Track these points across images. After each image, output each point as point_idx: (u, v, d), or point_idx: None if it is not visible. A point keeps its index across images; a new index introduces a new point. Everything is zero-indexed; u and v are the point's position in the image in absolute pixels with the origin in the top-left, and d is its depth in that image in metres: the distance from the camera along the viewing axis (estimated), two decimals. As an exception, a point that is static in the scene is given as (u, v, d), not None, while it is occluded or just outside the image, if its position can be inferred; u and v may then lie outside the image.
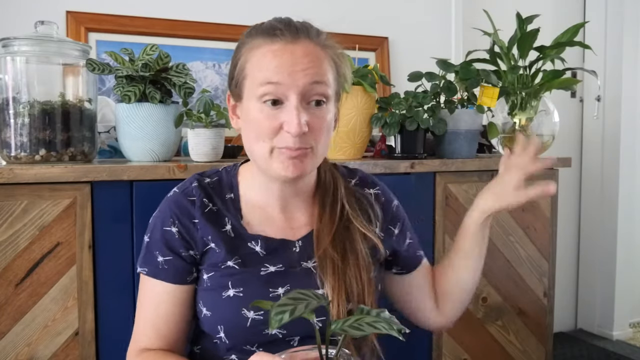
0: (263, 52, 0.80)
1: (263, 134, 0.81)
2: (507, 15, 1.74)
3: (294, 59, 0.79)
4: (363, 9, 2.15)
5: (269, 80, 0.79)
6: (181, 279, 0.87)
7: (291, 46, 0.80)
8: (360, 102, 1.44)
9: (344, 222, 0.90)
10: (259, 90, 0.80)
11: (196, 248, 0.87)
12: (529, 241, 1.64)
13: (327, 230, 0.88)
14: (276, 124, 0.79)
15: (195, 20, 1.85)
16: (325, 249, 0.87)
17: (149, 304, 0.88)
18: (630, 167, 2.64)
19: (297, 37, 0.81)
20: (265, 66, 0.80)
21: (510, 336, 1.63)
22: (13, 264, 1.05)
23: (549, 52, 1.63)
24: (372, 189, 0.99)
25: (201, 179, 0.91)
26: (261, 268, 0.86)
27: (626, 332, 2.67)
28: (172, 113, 1.24)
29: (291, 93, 0.79)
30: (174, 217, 0.87)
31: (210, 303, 0.86)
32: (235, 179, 0.92)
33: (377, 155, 1.65)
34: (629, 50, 2.58)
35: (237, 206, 0.90)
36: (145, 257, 0.89)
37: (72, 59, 1.21)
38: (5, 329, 1.05)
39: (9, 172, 1.02)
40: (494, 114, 1.71)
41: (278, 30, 0.81)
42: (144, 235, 0.90)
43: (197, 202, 0.87)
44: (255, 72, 0.81)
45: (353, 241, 0.89)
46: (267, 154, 0.81)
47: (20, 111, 1.14)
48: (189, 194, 0.88)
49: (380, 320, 0.62)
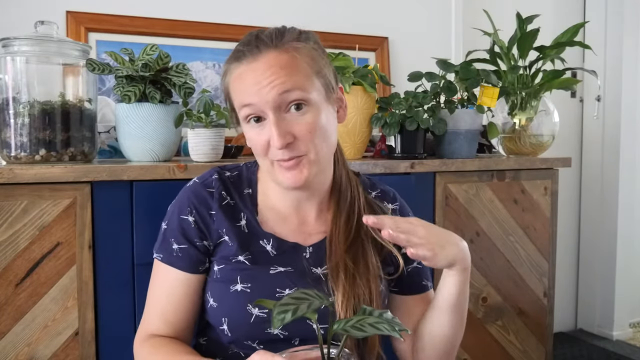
0: (234, 78, 0.84)
1: (259, 150, 0.85)
2: (507, 15, 1.75)
3: (256, 76, 0.80)
4: (363, 9, 2.15)
5: (244, 103, 0.82)
6: (194, 268, 0.89)
7: (254, 64, 0.81)
8: (360, 102, 1.44)
9: (359, 231, 0.90)
10: (241, 113, 0.84)
11: (210, 239, 0.89)
12: (529, 241, 1.64)
13: (342, 239, 0.88)
14: (264, 140, 0.82)
15: (195, 20, 1.85)
16: (338, 257, 0.87)
17: (161, 291, 0.90)
18: (630, 167, 2.64)
19: (258, 53, 0.81)
20: (238, 90, 0.83)
21: (510, 336, 1.63)
22: (13, 264, 1.05)
23: (549, 52, 1.63)
24: (392, 203, 0.99)
25: (222, 172, 0.93)
26: (270, 267, 0.87)
27: (626, 332, 2.67)
28: (172, 113, 1.24)
29: (266, 109, 0.80)
30: (192, 207, 0.89)
31: (218, 295, 0.87)
32: (254, 176, 0.95)
33: (377, 155, 1.65)
34: (629, 50, 2.58)
35: (254, 202, 0.92)
36: (161, 243, 0.91)
37: (72, 59, 1.21)
38: (5, 329, 1.05)
39: (9, 172, 1.02)
40: (494, 114, 1.71)
41: (240, 53, 0.83)
42: (162, 222, 0.92)
43: (216, 194, 0.90)
44: (234, 97, 0.85)
45: (365, 252, 0.89)
46: (270, 168, 0.85)
47: (20, 111, 1.14)
48: (209, 185, 0.91)
49: (382, 321, 0.62)
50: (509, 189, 1.58)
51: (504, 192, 1.58)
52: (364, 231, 0.90)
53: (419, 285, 0.98)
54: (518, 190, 1.61)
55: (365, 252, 0.89)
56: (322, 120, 0.83)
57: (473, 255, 1.49)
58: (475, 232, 1.54)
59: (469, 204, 1.53)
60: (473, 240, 1.54)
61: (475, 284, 1.55)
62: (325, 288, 0.86)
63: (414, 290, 0.97)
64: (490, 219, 1.56)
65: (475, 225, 1.54)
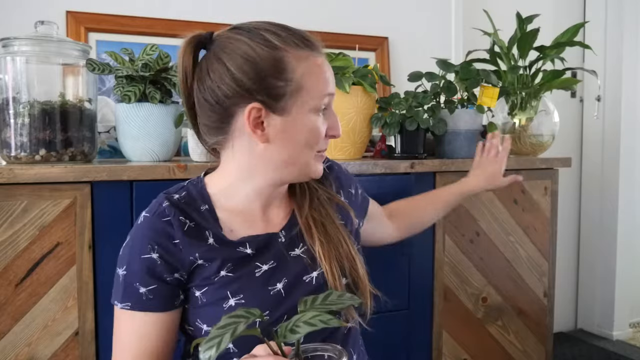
0: (316, 64, 0.83)
1: (317, 142, 0.85)
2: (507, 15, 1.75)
3: (330, 70, 0.86)
4: (363, 9, 2.15)
5: (329, 92, 0.85)
6: (169, 305, 0.83)
7: (323, 58, 0.86)
8: (360, 102, 1.44)
9: (317, 201, 0.93)
10: (322, 102, 0.84)
11: (182, 269, 0.83)
12: (529, 241, 1.64)
13: (305, 204, 0.92)
14: (324, 130, 0.86)
15: (195, 20, 1.85)
16: (306, 215, 0.90)
17: (131, 340, 0.83)
18: (630, 167, 2.64)
19: (320, 49, 0.86)
20: (321, 78, 0.83)
21: (510, 336, 1.63)
22: (13, 264, 1.05)
23: (549, 52, 1.63)
24: (324, 164, 1.01)
25: (170, 197, 0.86)
26: (255, 270, 0.85)
27: (626, 332, 2.67)
28: (172, 113, 1.24)
29: (332, 101, 0.87)
30: (152, 243, 0.82)
31: (211, 318, 0.83)
32: (205, 191, 0.89)
33: (377, 155, 1.65)
34: (629, 50, 2.58)
35: (215, 216, 0.87)
36: (124, 291, 0.82)
37: (72, 59, 1.21)
38: (5, 329, 1.05)
39: (9, 172, 1.02)
40: (494, 114, 1.71)
41: (310, 43, 0.84)
42: (117, 269, 0.84)
43: (174, 221, 0.83)
44: (313, 83, 0.82)
45: (327, 214, 0.92)
46: (311, 159, 0.86)
47: (20, 111, 1.14)
48: (163, 215, 0.83)
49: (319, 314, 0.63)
50: (509, 189, 1.58)
51: (504, 192, 1.58)
52: (321, 199, 0.94)
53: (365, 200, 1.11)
54: (518, 190, 1.61)
55: (328, 214, 0.92)
56: None
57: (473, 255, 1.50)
58: (475, 232, 1.54)
59: (469, 204, 1.53)
60: (473, 240, 1.54)
61: (475, 284, 1.55)
62: (309, 264, 0.88)
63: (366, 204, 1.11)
64: (490, 219, 1.56)
65: (475, 225, 1.54)
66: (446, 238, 1.50)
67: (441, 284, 1.50)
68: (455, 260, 1.51)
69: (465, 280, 1.53)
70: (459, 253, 1.52)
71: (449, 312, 1.52)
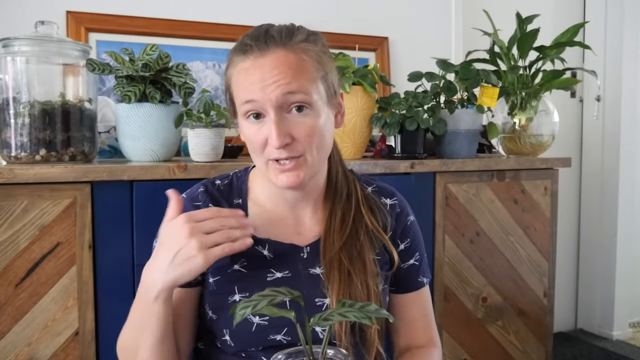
0: (238, 71, 0.82)
1: (255, 148, 0.83)
2: (507, 15, 1.74)
3: (263, 74, 0.79)
4: (363, 9, 2.15)
5: (247, 99, 0.80)
6: (186, 283, 0.85)
7: (260, 60, 0.79)
8: (360, 102, 1.44)
9: (355, 229, 0.90)
10: (242, 109, 0.82)
11: None
12: (529, 241, 1.64)
13: (337, 236, 0.88)
14: (262, 138, 0.81)
15: (195, 20, 1.85)
16: (332, 255, 0.86)
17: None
18: (630, 167, 2.64)
19: (267, 49, 0.80)
20: (241, 85, 0.81)
21: (510, 336, 1.63)
22: (13, 264, 1.05)
23: (549, 52, 1.63)
24: (389, 199, 0.98)
25: (209, 184, 0.92)
26: (267, 274, 0.86)
27: (626, 332, 2.67)
28: (172, 113, 1.24)
29: (268, 107, 0.79)
30: None
31: (216, 307, 0.86)
32: (245, 185, 0.93)
33: (377, 155, 1.65)
34: (629, 50, 2.58)
35: (245, 211, 0.90)
36: None
37: (72, 59, 1.21)
38: (5, 329, 1.05)
39: (9, 172, 1.02)
40: (494, 114, 1.71)
41: (248, 47, 0.81)
42: (154, 241, 0.89)
43: (203, 207, 0.87)
44: (237, 91, 0.83)
45: (362, 249, 0.88)
46: (263, 166, 0.84)
47: (20, 111, 1.14)
48: (195, 200, 0.89)
49: (353, 310, 0.63)
50: (509, 189, 1.58)
51: (504, 192, 1.58)
52: (362, 228, 0.90)
53: (414, 282, 0.98)
54: (518, 190, 1.61)
55: (362, 249, 0.88)
56: (321, 124, 0.83)
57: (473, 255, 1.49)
58: (475, 232, 1.54)
59: (469, 204, 1.53)
60: (473, 240, 1.54)
61: (475, 284, 1.55)
62: (323, 287, 0.86)
63: (410, 287, 0.98)
64: (490, 219, 1.56)
65: (475, 225, 1.54)
66: (446, 238, 1.50)
67: (441, 284, 1.50)
68: (455, 260, 1.51)
69: (465, 280, 1.53)
70: (459, 253, 1.52)
71: (449, 312, 1.52)
